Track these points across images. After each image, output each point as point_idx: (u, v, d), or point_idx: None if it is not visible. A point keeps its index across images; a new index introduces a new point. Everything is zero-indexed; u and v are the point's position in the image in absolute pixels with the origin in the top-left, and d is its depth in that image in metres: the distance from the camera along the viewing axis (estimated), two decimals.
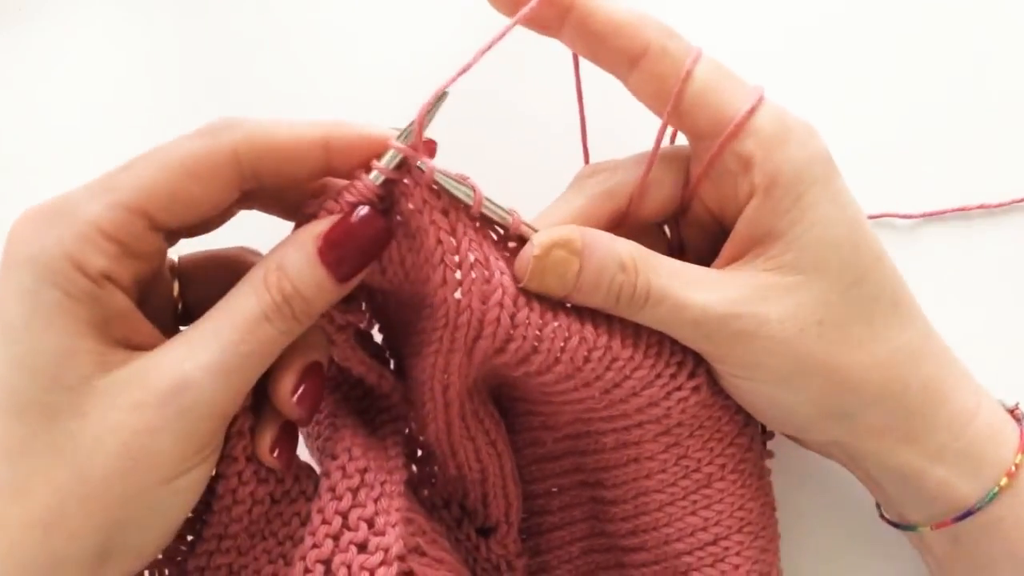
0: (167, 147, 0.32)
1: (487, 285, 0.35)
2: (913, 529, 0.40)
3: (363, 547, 0.33)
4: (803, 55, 0.52)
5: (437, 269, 0.35)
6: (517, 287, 0.36)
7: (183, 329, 0.34)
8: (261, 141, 0.33)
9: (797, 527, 0.47)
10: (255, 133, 0.33)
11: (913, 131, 0.51)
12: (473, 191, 0.35)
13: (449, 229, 0.34)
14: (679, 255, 0.40)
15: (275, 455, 0.35)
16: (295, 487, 0.37)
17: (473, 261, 0.35)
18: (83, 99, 0.54)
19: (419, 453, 0.44)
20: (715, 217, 0.39)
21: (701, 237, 0.41)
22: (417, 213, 0.34)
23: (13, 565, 0.29)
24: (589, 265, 0.36)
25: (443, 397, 0.40)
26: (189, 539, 0.37)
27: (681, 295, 0.36)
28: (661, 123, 0.38)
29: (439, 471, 0.44)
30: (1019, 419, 0.40)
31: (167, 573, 0.37)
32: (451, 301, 0.35)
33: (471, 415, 0.42)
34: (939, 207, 0.50)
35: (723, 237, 0.38)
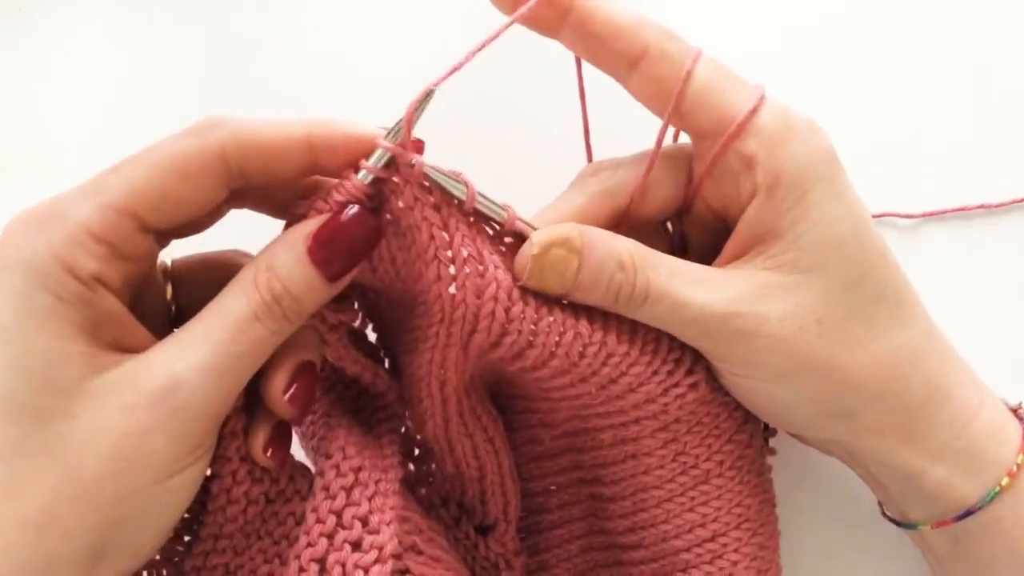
0: (154, 148, 0.32)
1: (481, 279, 0.35)
2: (914, 527, 0.40)
3: (357, 545, 0.33)
4: (802, 55, 0.52)
5: (431, 265, 0.35)
6: (516, 284, 0.36)
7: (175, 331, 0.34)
8: (247, 139, 0.33)
9: (798, 524, 0.47)
10: (241, 131, 0.33)
11: (913, 131, 0.51)
12: (466, 186, 0.35)
13: (441, 224, 0.34)
14: (681, 253, 0.39)
15: (269, 454, 0.35)
16: (290, 486, 0.37)
17: (467, 256, 0.35)
18: (83, 99, 0.54)
19: (416, 452, 0.44)
20: (718, 215, 0.39)
21: (704, 235, 0.41)
22: (408, 210, 0.34)
23: (6, 565, 0.30)
24: (588, 263, 0.35)
25: (440, 393, 0.40)
26: (186, 539, 0.37)
27: (680, 293, 0.36)
28: (662, 124, 0.37)
29: (437, 469, 0.44)
30: (1022, 418, 0.39)
31: (165, 573, 0.37)
32: (446, 296, 0.35)
33: (468, 412, 0.42)
34: (939, 207, 0.50)
35: (726, 235, 0.38)
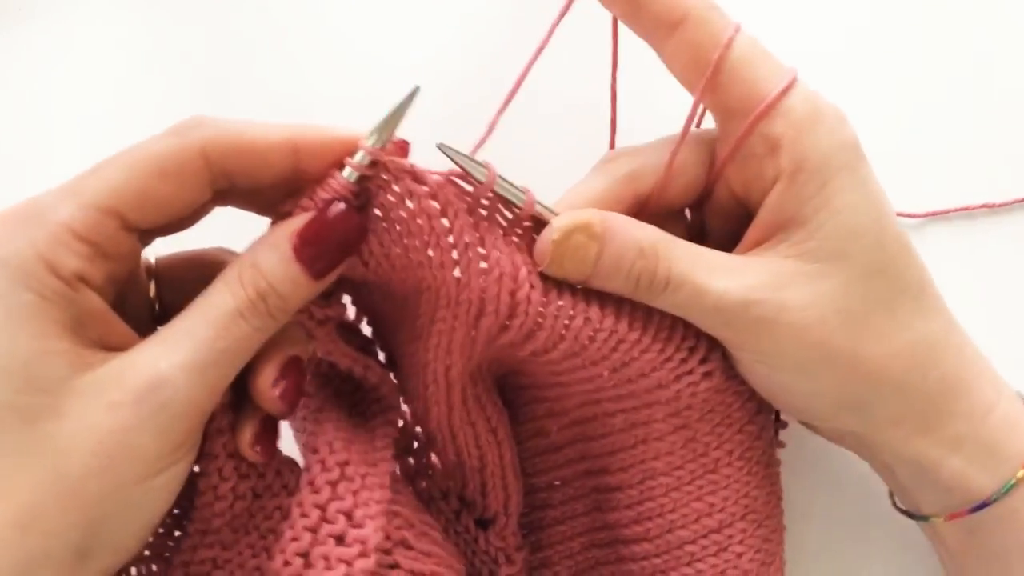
0: (134, 148, 0.32)
1: (485, 263, 0.35)
2: (926, 519, 0.40)
3: (341, 539, 0.33)
4: (803, 55, 0.51)
5: (434, 252, 0.35)
6: (536, 270, 0.36)
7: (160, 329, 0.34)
8: (228, 140, 0.33)
9: (804, 518, 0.47)
10: (222, 132, 0.33)
11: (917, 130, 0.51)
12: (487, 168, 0.35)
13: (439, 213, 0.34)
14: (700, 240, 0.39)
15: (256, 450, 0.36)
16: (277, 482, 0.37)
17: (468, 242, 0.35)
18: (83, 99, 0.54)
19: (415, 445, 0.44)
20: (739, 201, 0.39)
21: (723, 222, 0.40)
22: (402, 202, 0.34)
23: None
24: (609, 250, 0.35)
25: (445, 379, 0.40)
26: (176, 535, 0.38)
27: (701, 281, 0.35)
28: (694, 98, 0.37)
29: (439, 457, 0.44)
30: None
31: (154, 569, 0.37)
32: (451, 280, 0.35)
33: (473, 399, 0.42)
34: (943, 206, 0.50)
35: (746, 222, 0.38)
